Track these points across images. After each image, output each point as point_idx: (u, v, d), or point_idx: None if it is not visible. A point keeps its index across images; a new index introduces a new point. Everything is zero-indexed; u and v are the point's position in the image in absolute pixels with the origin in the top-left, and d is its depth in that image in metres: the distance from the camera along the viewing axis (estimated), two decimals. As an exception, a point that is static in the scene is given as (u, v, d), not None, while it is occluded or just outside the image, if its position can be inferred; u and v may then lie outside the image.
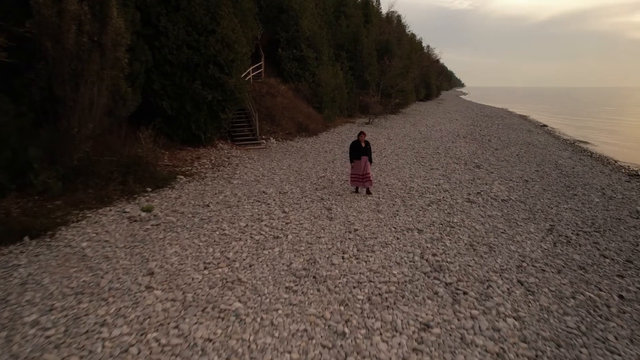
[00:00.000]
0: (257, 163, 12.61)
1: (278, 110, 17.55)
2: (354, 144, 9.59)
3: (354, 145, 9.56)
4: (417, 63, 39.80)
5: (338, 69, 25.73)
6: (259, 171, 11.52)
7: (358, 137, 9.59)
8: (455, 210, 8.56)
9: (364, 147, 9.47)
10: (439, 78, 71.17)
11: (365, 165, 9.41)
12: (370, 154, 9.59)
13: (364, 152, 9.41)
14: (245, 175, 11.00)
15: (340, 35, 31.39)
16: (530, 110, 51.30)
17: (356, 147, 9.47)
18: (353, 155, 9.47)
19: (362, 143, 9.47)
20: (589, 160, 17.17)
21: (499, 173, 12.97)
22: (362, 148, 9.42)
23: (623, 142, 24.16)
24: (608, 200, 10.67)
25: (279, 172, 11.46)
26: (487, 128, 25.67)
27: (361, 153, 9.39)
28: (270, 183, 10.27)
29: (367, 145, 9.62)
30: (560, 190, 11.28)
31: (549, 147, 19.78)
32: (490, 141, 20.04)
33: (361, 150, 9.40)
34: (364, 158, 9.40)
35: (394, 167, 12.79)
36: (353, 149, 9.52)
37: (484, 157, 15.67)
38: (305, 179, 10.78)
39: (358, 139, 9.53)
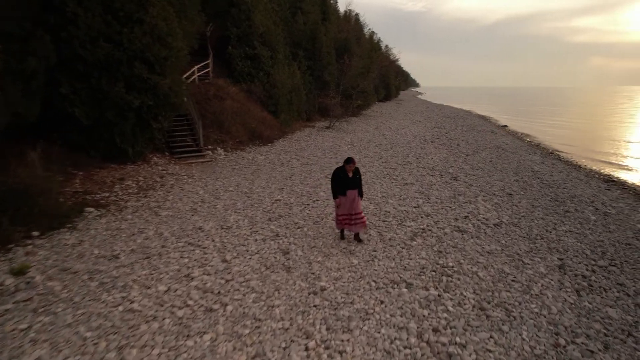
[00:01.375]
0: (198, 183, 10.32)
1: (227, 116, 15.31)
2: (338, 172, 6.83)
3: (338, 175, 6.81)
4: (377, 63, 38.53)
5: (295, 69, 23.73)
6: (198, 195, 9.26)
7: (344, 164, 6.79)
8: (445, 245, 6.80)
9: (352, 177, 6.77)
10: (397, 78, 70.80)
11: (355, 202, 6.74)
12: (360, 187, 6.94)
13: (352, 184, 6.75)
14: (179, 203, 8.67)
15: (297, 32, 29.42)
16: (485, 109, 51.74)
17: (341, 178, 6.75)
18: (338, 189, 6.78)
19: (350, 172, 6.77)
20: (561, 165, 16.24)
21: (478, 185, 11.49)
22: (349, 179, 6.73)
23: (575, 142, 23.97)
24: (604, 217, 9.39)
25: (223, 196, 9.24)
26: (452, 130, 24.58)
27: (349, 186, 6.72)
28: (210, 213, 8.04)
29: (357, 174, 6.90)
30: (549, 206, 9.90)
31: (518, 150, 18.81)
32: (459, 145, 18.77)
33: (349, 182, 6.73)
34: (351, 193, 6.72)
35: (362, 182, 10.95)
36: (337, 181, 6.78)
37: (458, 165, 14.23)
38: (257, 205, 8.68)
39: (344, 167, 6.78)
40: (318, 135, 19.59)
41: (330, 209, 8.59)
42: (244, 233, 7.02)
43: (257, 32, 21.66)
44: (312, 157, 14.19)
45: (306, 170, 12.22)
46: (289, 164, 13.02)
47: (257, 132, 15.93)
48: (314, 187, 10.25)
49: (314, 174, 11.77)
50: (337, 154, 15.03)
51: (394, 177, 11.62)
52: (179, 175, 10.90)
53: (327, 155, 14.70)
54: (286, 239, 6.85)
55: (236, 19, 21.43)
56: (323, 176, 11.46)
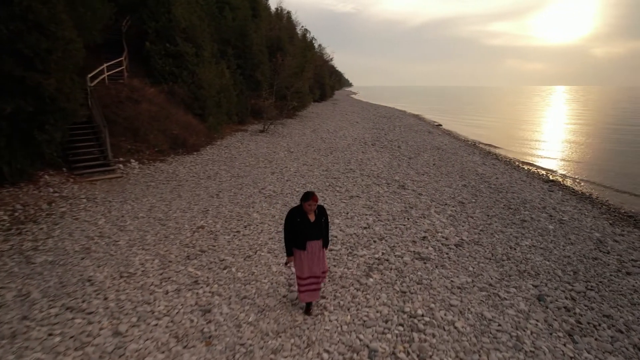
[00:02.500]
0: (100, 208, 8.19)
1: (144, 121, 13.13)
2: (294, 215, 4.53)
3: (293, 219, 4.51)
4: (312, 62, 37.40)
5: (224, 68, 21.74)
6: (97, 226, 7.19)
7: (302, 202, 4.50)
8: (408, 281, 5.56)
9: (315, 221, 4.54)
10: (331, 78, 70.45)
11: (321, 257, 4.65)
12: (327, 235, 4.76)
13: (314, 231, 4.54)
14: (67, 240, 6.54)
15: (225, 28, 27.33)
16: (417, 108, 52.88)
17: (300, 223, 4.48)
18: (295, 240, 4.54)
19: (311, 214, 4.53)
20: (502, 166, 16.07)
21: (428, 194, 10.58)
22: (310, 225, 4.51)
23: (504, 140, 24.68)
24: (560, 225, 8.84)
25: (130, 226, 7.27)
26: (390, 131, 24.02)
27: (310, 235, 4.50)
28: (108, 253, 6.10)
29: (321, 215, 4.63)
30: (505, 215, 9.19)
31: (458, 151, 18.52)
32: (400, 148, 18.06)
33: (310, 230, 4.50)
34: (314, 245, 4.55)
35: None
36: (293, 226, 4.51)
37: (402, 170, 13.33)
38: (173, 236, 6.88)
39: (301, 206, 4.51)
40: (251, 141, 17.87)
41: (267, 236, 7.06)
42: (152, 282, 5.27)
43: (178, 26, 19.43)
44: (243, 168, 12.49)
45: (236, 184, 10.53)
46: (216, 177, 11.20)
47: (180, 139, 13.88)
48: (245, 207, 8.62)
49: (246, 188, 10.12)
50: (273, 162, 13.48)
51: (338, 189, 10.33)
52: (76, 198, 8.69)
53: (261, 164, 13.09)
54: (208, 287, 5.21)
55: (154, 11, 19.05)
56: (257, 191, 9.86)
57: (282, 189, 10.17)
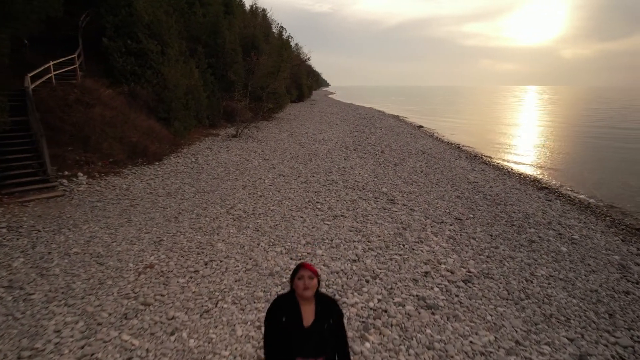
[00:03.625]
0: (21, 242, 6.39)
1: (96, 128, 11.39)
2: (279, 308, 2.33)
3: (277, 316, 2.30)
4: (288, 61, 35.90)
5: (193, 67, 20.08)
6: (9, 270, 5.52)
7: (293, 282, 2.29)
8: (416, 346, 4.21)
9: (313, 325, 2.26)
10: (308, 78, 69.03)
11: None
12: (343, 350, 2.42)
13: (309, 344, 2.24)
14: None
15: (195, 25, 25.62)
16: (396, 109, 52.18)
17: (286, 327, 2.26)
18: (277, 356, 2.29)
19: (307, 307, 2.29)
20: (492, 172, 15.06)
21: (420, 209, 9.35)
22: (303, 332, 2.24)
23: (486, 141, 23.89)
24: (573, 246, 7.75)
25: (56, 268, 5.60)
26: (372, 134, 22.84)
27: (301, 349, 2.23)
28: (12, 314, 4.51)
29: (327, 317, 2.30)
30: (510, 235, 8.06)
31: (444, 155, 17.47)
32: (384, 153, 16.86)
33: (301, 340, 2.24)
34: None
35: (278, 219, 8.09)
36: (275, 331, 2.30)
37: (389, 179, 12.09)
38: (111, 281, 5.30)
39: (291, 294, 2.34)
40: (222, 147, 16.28)
41: (232, 277, 5.61)
42: (66, 365, 3.78)
43: (141, 21, 17.69)
44: (211, 181, 10.95)
45: (201, 202, 9.00)
46: (178, 193, 9.62)
47: (139, 148, 12.20)
48: (208, 234, 7.13)
49: (212, 208, 8.62)
50: (245, 173, 11.99)
51: (319, 207, 8.95)
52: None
53: (232, 176, 11.57)
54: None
55: (112, 4, 17.25)
56: (224, 211, 8.37)
57: (255, 207, 8.71)
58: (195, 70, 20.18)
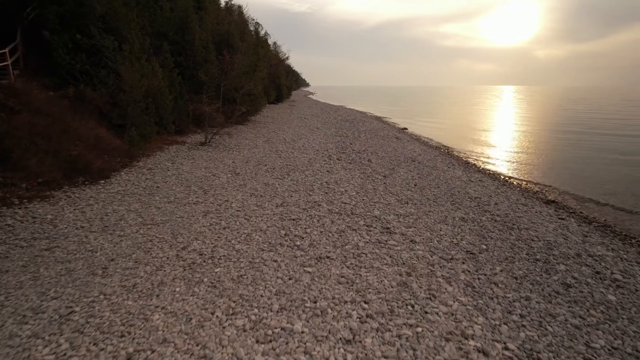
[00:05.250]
0: None
1: (21, 139, 9.23)
2: None
3: None
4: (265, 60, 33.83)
5: (156, 66, 17.90)
6: None
7: None
8: None
9: None
10: (288, 78, 66.93)
11: None
12: None
13: None
14: None
15: (161, 20, 23.40)
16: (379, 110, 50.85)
17: None
18: None
19: None
20: (490, 182, 13.51)
21: (423, 239, 7.62)
22: None
23: (471, 143, 22.58)
24: (622, 293, 6.12)
25: None
26: (356, 139, 21.09)
27: None
28: None
29: None
30: (537, 275, 6.41)
31: (436, 163, 15.86)
32: (370, 162, 15.11)
33: None
34: None
35: (244, 266, 6.16)
36: None
37: (381, 198, 10.34)
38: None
39: None
40: (187, 158, 14.19)
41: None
42: None
43: (93, 13, 15.48)
44: (165, 206, 8.89)
45: (145, 240, 6.95)
46: (117, 226, 7.55)
47: (81, 163, 10.03)
48: (144, 297, 5.12)
49: (158, 249, 6.60)
50: (209, 193, 10.00)
51: (298, 242, 7.05)
52: None
53: (192, 198, 9.56)
54: None
55: (57, -7, 14.99)
56: (173, 254, 6.38)
57: (215, 246, 6.75)
58: (159, 69, 18.00)
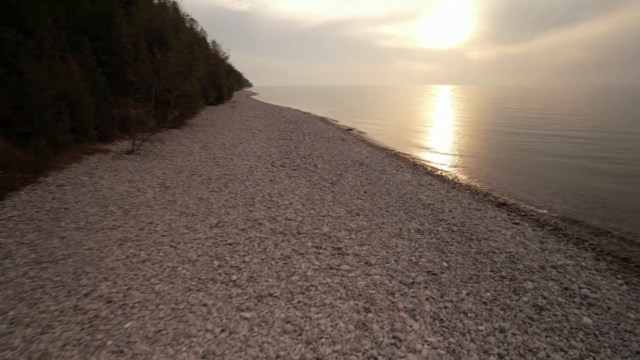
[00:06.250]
0: None
1: None
2: None
3: None
4: (203, 59, 31.88)
5: (72, 64, 15.76)
6: None
7: None
8: None
9: None
10: (229, 78, 64.54)
11: None
12: None
13: None
14: None
15: (82, 14, 20.93)
16: (322, 110, 50.42)
17: None
18: None
19: None
20: (440, 186, 13.10)
21: (379, 260, 6.77)
22: None
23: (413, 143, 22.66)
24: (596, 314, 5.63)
25: None
26: (301, 142, 20.11)
27: None
28: None
29: None
30: (507, 299, 5.76)
31: (385, 166, 15.28)
32: (316, 167, 14.18)
33: None
34: None
35: (163, 315, 4.91)
36: None
37: (329, 210, 9.41)
38: None
39: None
40: (108, 170, 12.37)
41: None
42: None
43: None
44: (71, 233, 7.30)
45: (34, 286, 5.37)
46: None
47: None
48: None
49: (50, 299, 5.08)
50: (130, 214, 8.49)
51: (234, 277, 5.86)
52: None
53: (108, 221, 8.02)
54: None
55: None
56: (70, 306, 4.89)
57: (129, 289, 5.39)
58: (76, 68, 15.87)
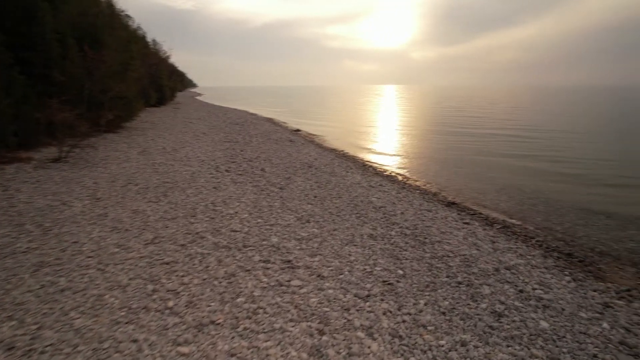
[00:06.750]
0: None
1: None
2: None
3: None
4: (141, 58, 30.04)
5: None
6: None
7: None
8: None
9: None
10: (171, 78, 61.82)
11: None
12: None
13: None
14: None
15: (-4, 7, 18.84)
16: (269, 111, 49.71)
17: None
18: None
19: None
20: (391, 187, 12.99)
21: (332, 272, 6.35)
22: None
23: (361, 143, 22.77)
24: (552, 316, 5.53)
25: None
26: (247, 145, 19.38)
27: None
28: None
29: None
30: (466, 307, 5.58)
31: (334, 168, 14.99)
32: (264, 171, 13.59)
33: None
34: None
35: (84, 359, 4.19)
36: None
37: (278, 217, 8.89)
38: None
39: None
40: (29, 180, 11.00)
41: None
42: None
43: None
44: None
45: None
46: None
47: None
48: None
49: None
50: (51, 232, 7.45)
51: (171, 302, 5.15)
52: None
53: (21, 243, 6.90)
54: None
55: None
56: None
57: (40, 327, 4.48)
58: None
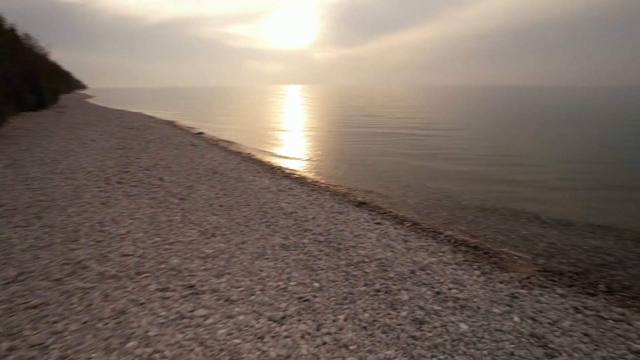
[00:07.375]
0: None
1: None
2: None
3: None
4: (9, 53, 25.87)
5: None
6: None
7: None
8: None
9: None
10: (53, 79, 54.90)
11: None
12: None
13: None
14: None
15: None
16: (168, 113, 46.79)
17: None
18: None
19: None
20: (301, 190, 12.63)
21: (242, 293, 5.69)
22: None
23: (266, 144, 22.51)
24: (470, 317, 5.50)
25: None
26: (143, 151, 17.63)
27: None
28: None
29: None
30: (386, 318, 5.41)
31: (241, 173, 14.23)
32: (163, 180, 12.33)
33: None
34: None
35: None
36: None
37: (179, 234, 7.94)
38: None
39: None
40: None
41: None
42: None
43: None
44: None
45: None
46: None
47: None
48: None
49: None
50: None
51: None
52: None
53: None
54: None
55: None
56: None
57: None
58: None
